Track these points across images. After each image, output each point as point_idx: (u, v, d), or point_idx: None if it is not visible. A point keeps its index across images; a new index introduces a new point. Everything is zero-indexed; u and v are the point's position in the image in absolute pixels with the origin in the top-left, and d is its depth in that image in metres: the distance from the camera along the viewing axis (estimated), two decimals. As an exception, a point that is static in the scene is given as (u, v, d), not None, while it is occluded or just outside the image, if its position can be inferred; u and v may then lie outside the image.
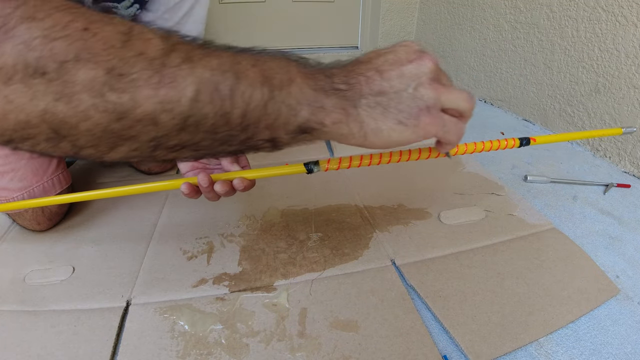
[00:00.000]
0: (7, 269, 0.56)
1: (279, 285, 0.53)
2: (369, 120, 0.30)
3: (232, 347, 0.44)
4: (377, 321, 0.47)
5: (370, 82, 0.30)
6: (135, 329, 0.46)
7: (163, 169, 0.82)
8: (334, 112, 0.29)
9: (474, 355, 0.43)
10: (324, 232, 0.63)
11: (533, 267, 0.55)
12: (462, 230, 0.63)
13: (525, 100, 1.18)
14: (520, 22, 1.16)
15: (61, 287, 0.52)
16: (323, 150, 0.93)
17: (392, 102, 0.30)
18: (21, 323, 0.47)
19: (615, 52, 0.87)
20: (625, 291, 0.53)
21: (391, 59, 0.31)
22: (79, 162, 0.90)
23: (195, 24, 0.66)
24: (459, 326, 0.46)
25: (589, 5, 0.93)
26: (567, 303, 0.50)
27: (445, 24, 1.53)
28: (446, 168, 0.83)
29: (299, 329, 0.46)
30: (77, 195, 0.49)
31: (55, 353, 0.43)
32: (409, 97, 0.30)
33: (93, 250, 0.60)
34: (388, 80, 0.30)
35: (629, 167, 0.86)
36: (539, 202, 0.74)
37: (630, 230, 0.66)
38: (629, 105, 0.85)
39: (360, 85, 0.30)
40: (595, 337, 0.46)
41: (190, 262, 0.57)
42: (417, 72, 0.31)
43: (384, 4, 1.67)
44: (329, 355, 0.43)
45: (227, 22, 1.69)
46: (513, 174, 0.84)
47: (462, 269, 0.55)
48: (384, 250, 0.59)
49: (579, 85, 0.98)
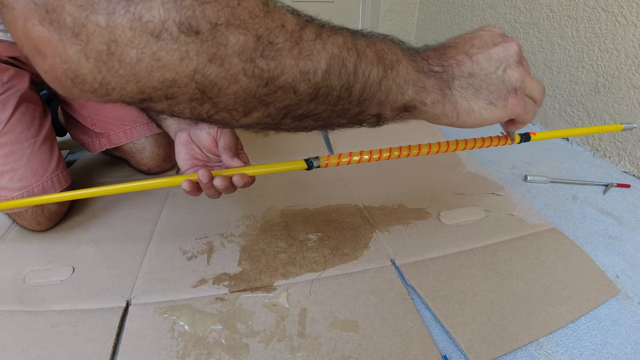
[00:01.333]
0: (7, 269, 0.56)
1: (279, 285, 0.53)
2: (462, 101, 0.33)
3: (232, 347, 0.44)
4: (377, 321, 0.47)
5: (461, 65, 0.33)
6: (135, 329, 0.46)
7: (162, 169, 0.82)
8: (433, 92, 0.32)
9: (474, 355, 0.43)
10: (323, 232, 0.63)
11: (533, 267, 0.55)
12: (462, 230, 0.63)
13: (525, 100, 1.18)
14: (520, 22, 1.16)
15: (61, 287, 0.52)
16: (323, 150, 0.93)
17: (483, 84, 0.33)
18: (21, 323, 0.47)
19: (615, 52, 0.87)
20: (625, 291, 0.53)
21: (477, 43, 0.33)
22: (79, 161, 0.90)
23: None
24: (459, 326, 0.46)
25: (588, 5, 0.93)
26: (567, 303, 0.50)
27: (445, 24, 1.53)
28: (446, 168, 0.83)
29: (299, 329, 0.46)
30: (76, 192, 0.49)
31: (55, 353, 0.43)
32: (498, 79, 0.33)
33: (93, 250, 0.60)
34: (478, 62, 0.33)
35: (629, 167, 0.86)
36: (539, 202, 0.74)
37: (630, 230, 0.66)
38: (629, 105, 0.85)
39: (452, 68, 0.33)
40: (595, 337, 0.46)
41: (190, 262, 0.57)
42: (505, 55, 0.33)
43: (384, 4, 1.68)
44: (329, 355, 0.43)
45: (227, 22, 1.68)
46: (513, 174, 0.84)
47: (462, 269, 0.55)
48: (384, 250, 0.59)
49: (578, 85, 0.98)
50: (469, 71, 0.33)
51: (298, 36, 0.26)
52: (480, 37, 0.34)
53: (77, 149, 0.98)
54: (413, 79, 0.32)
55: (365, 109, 0.31)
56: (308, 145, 0.94)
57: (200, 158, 0.51)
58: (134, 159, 0.79)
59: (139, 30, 0.22)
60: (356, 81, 0.29)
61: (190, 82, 0.24)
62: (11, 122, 0.61)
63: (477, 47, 0.33)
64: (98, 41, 0.22)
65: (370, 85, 0.30)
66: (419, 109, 0.33)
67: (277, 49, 0.25)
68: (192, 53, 0.23)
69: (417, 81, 0.32)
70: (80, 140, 0.81)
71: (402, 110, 0.33)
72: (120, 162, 0.86)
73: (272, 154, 0.91)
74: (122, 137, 0.77)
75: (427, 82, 0.32)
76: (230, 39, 0.23)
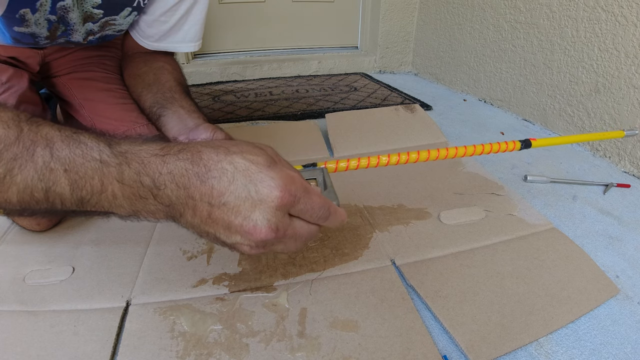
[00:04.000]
0: (7, 269, 0.56)
1: (279, 285, 0.53)
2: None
3: (232, 347, 0.44)
4: (377, 321, 0.47)
5: (196, 215, 0.30)
6: (135, 329, 0.46)
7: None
8: (157, 214, 0.31)
9: (474, 355, 0.43)
10: (324, 232, 0.63)
11: (533, 267, 0.55)
12: (462, 230, 0.63)
13: (525, 100, 1.18)
14: (520, 22, 1.16)
15: (61, 287, 0.52)
16: (323, 150, 0.93)
17: (209, 238, 0.32)
18: (21, 323, 0.47)
19: (615, 52, 0.87)
20: (625, 291, 0.53)
21: (231, 201, 0.29)
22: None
23: (193, 25, 0.66)
24: (459, 326, 0.46)
25: (588, 5, 0.93)
26: (567, 303, 0.50)
27: (445, 24, 1.53)
28: (446, 168, 0.83)
29: (299, 329, 0.46)
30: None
31: (55, 353, 0.43)
32: (225, 245, 0.32)
33: (93, 250, 0.60)
34: (213, 225, 0.30)
35: (629, 167, 0.86)
36: (539, 202, 0.74)
37: (630, 230, 0.66)
38: (629, 105, 0.85)
39: (185, 210, 0.30)
40: (595, 337, 0.46)
41: (190, 262, 0.57)
42: (242, 239, 0.30)
43: (384, 4, 1.68)
44: (329, 356, 0.43)
45: (227, 22, 1.69)
46: (513, 174, 0.84)
47: (462, 269, 0.55)
48: (384, 250, 0.59)
49: (578, 85, 0.98)
50: (199, 230, 0.31)
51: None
52: (237, 195, 0.29)
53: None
54: (124, 205, 0.30)
55: (91, 212, 0.31)
56: (309, 145, 0.94)
57: None
58: (133, 159, 0.79)
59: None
60: (53, 204, 0.29)
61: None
62: None
63: (226, 207, 0.29)
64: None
65: (70, 206, 0.29)
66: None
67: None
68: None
69: (130, 208, 0.30)
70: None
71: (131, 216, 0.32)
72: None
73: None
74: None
75: (143, 210, 0.30)
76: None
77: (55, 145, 0.28)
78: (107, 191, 0.29)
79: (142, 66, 0.66)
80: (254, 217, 0.29)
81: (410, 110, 1.08)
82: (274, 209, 0.30)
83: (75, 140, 0.29)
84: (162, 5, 0.62)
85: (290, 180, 0.30)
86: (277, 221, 0.30)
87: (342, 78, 1.67)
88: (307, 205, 0.32)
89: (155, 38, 0.66)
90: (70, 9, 0.56)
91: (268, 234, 0.30)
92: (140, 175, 0.29)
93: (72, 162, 0.28)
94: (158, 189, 0.29)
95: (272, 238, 0.30)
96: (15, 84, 0.63)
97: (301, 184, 0.31)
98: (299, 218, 0.32)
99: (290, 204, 0.30)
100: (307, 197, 0.31)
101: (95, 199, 0.29)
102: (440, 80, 1.61)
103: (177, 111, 0.57)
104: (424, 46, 1.71)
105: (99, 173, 0.29)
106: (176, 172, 0.29)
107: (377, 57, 1.78)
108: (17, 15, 0.53)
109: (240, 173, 0.30)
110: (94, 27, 0.62)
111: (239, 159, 0.30)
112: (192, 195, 0.30)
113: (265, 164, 0.30)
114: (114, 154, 0.29)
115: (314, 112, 1.21)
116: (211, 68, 1.59)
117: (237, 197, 0.29)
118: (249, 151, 0.31)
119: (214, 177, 0.29)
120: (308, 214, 0.32)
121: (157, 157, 0.30)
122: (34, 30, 0.57)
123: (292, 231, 0.32)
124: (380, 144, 0.95)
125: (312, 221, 0.33)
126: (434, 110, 1.28)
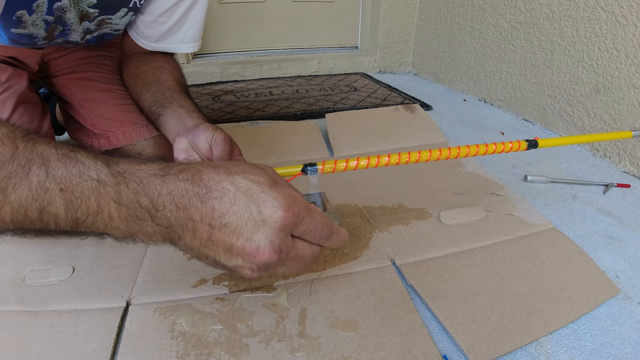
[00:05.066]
0: (7, 269, 0.56)
1: (279, 285, 0.53)
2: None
3: (232, 347, 0.44)
4: (377, 321, 0.47)
5: (195, 239, 0.29)
6: (135, 329, 0.46)
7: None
8: (154, 236, 0.30)
9: (474, 355, 0.43)
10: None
11: (533, 267, 0.55)
12: (462, 230, 0.63)
13: (525, 100, 1.18)
14: (520, 22, 1.16)
15: (61, 287, 0.52)
16: (323, 150, 0.93)
17: (208, 261, 0.31)
18: (21, 323, 0.47)
19: (615, 52, 0.87)
20: (625, 291, 0.53)
21: (233, 222, 0.28)
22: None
23: (192, 26, 0.66)
24: (459, 326, 0.46)
25: (588, 5, 0.93)
26: (567, 303, 0.50)
27: (445, 24, 1.53)
28: (446, 168, 0.83)
29: (299, 329, 0.46)
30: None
31: (55, 353, 0.43)
32: (224, 268, 0.31)
33: (93, 250, 0.60)
34: (214, 248, 0.29)
35: (629, 167, 0.86)
36: (539, 202, 0.74)
37: (630, 230, 0.66)
38: (629, 105, 0.85)
39: (184, 232, 0.29)
40: (595, 337, 0.46)
41: (190, 262, 0.57)
42: (243, 262, 0.29)
43: (384, 4, 1.68)
44: (329, 356, 0.43)
45: (227, 22, 1.69)
46: (513, 174, 0.84)
47: (462, 269, 0.55)
48: (384, 250, 0.59)
49: (579, 85, 0.98)
50: (198, 253, 0.30)
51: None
52: (239, 216, 0.28)
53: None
54: (119, 227, 0.29)
55: (86, 231, 0.30)
56: (309, 144, 0.94)
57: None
58: (133, 160, 0.79)
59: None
60: (47, 223, 0.29)
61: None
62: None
63: (227, 228, 0.28)
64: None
65: (65, 226, 0.29)
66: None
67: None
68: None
69: (126, 230, 0.29)
70: (79, 140, 0.81)
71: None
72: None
73: (272, 154, 0.91)
74: (122, 138, 0.76)
75: (140, 232, 0.29)
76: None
77: (51, 163, 0.28)
78: (104, 212, 0.28)
79: (141, 66, 0.66)
80: (257, 239, 0.28)
81: (410, 110, 1.08)
82: (277, 229, 0.29)
83: (72, 159, 0.28)
84: (160, 6, 0.62)
85: (293, 200, 0.30)
86: (280, 242, 0.29)
87: (342, 78, 1.67)
88: (310, 225, 0.31)
89: (154, 39, 0.66)
90: (68, 9, 0.56)
91: (271, 255, 0.29)
92: (139, 196, 0.28)
93: (69, 181, 0.28)
94: (156, 209, 0.28)
95: (275, 260, 0.29)
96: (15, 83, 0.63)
97: (304, 204, 0.31)
98: (301, 239, 0.32)
99: (294, 225, 0.30)
100: (310, 217, 0.31)
101: (90, 220, 0.28)
102: (440, 80, 1.61)
103: (176, 111, 0.57)
104: (424, 46, 1.71)
105: (96, 193, 0.28)
106: (176, 192, 0.28)
107: (377, 57, 1.78)
108: (14, 17, 0.52)
109: (242, 193, 0.29)
110: (91, 25, 0.62)
111: (240, 179, 0.29)
112: (192, 216, 0.29)
113: (267, 183, 0.30)
114: (112, 173, 0.28)
115: (314, 112, 1.21)
116: (211, 68, 1.59)
117: (239, 218, 0.28)
118: (250, 171, 0.30)
119: (216, 197, 0.29)
120: (311, 235, 0.31)
121: (157, 177, 0.29)
122: (32, 31, 0.57)
123: (294, 253, 0.31)
124: (380, 144, 0.95)
125: (314, 242, 0.32)
126: (434, 110, 1.28)
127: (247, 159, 0.52)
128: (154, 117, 0.59)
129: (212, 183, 0.29)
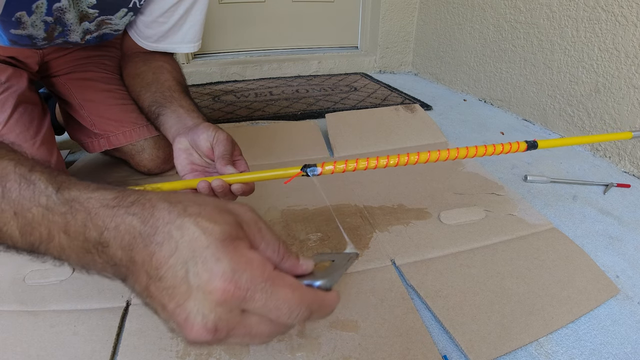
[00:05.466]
0: (7, 269, 0.56)
1: (279, 285, 0.52)
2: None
3: (232, 347, 0.44)
4: (377, 321, 0.47)
5: (136, 283, 0.24)
6: (135, 329, 0.46)
7: (162, 170, 0.82)
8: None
9: (474, 355, 0.43)
10: (323, 232, 0.63)
11: (533, 267, 0.55)
12: (462, 230, 0.63)
13: (525, 100, 1.18)
14: (520, 22, 1.16)
15: (61, 287, 0.52)
16: (323, 150, 0.93)
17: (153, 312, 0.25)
18: (21, 323, 0.47)
19: (615, 52, 0.87)
20: (625, 291, 0.53)
21: (168, 280, 0.23)
22: (79, 162, 0.90)
23: (192, 26, 0.66)
24: (459, 326, 0.46)
25: (588, 5, 0.93)
26: (567, 303, 0.50)
27: (445, 24, 1.53)
28: (446, 168, 0.83)
29: (299, 329, 0.46)
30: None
31: (55, 353, 0.43)
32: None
33: (93, 250, 0.60)
34: (152, 303, 0.24)
35: (629, 167, 0.86)
36: (539, 202, 0.74)
37: (630, 230, 0.66)
38: (629, 105, 0.85)
39: (128, 276, 0.25)
40: (595, 337, 0.46)
41: (190, 262, 0.57)
42: (178, 330, 0.23)
43: (384, 4, 1.68)
44: (329, 355, 0.43)
45: (227, 22, 1.69)
46: (513, 174, 0.84)
47: (462, 269, 0.55)
48: (384, 250, 0.59)
49: (578, 85, 0.98)
50: (141, 297, 0.25)
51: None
52: (173, 272, 0.23)
53: (77, 149, 0.98)
54: (71, 257, 0.26)
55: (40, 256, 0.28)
56: (309, 145, 0.94)
57: (199, 163, 0.51)
58: (133, 160, 0.79)
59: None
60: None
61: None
62: (10, 123, 0.61)
63: (161, 283, 0.23)
64: None
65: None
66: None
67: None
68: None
69: (81, 262, 0.26)
70: (79, 140, 0.81)
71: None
72: (120, 162, 0.86)
73: (272, 154, 0.91)
74: (122, 138, 0.76)
75: (92, 266, 0.26)
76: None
77: (8, 184, 0.26)
78: (54, 241, 0.25)
79: (141, 66, 0.66)
80: (188, 308, 0.22)
81: (410, 110, 1.08)
82: (213, 302, 0.22)
83: (27, 181, 0.26)
84: (160, 6, 0.62)
85: (245, 267, 0.23)
86: (216, 319, 0.22)
87: (342, 78, 1.67)
88: (268, 304, 0.23)
89: (154, 39, 0.66)
90: (67, 9, 0.56)
91: (201, 333, 0.22)
92: (86, 229, 0.25)
93: (20, 206, 0.26)
94: (103, 245, 0.24)
95: (208, 339, 0.22)
96: (15, 83, 0.63)
97: (261, 274, 0.23)
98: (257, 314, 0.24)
99: (238, 299, 0.22)
100: (268, 292, 0.23)
101: (44, 247, 0.26)
102: (440, 80, 1.61)
103: (176, 110, 0.57)
104: (424, 46, 1.71)
105: (46, 221, 0.25)
106: (122, 227, 0.24)
107: (377, 57, 1.78)
108: (14, 18, 0.52)
109: (185, 244, 0.23)
110: (91, 26, 0.62)
111: (190, 224, 0.23)
112: (135, 259, 0.24)
113: (219, 237, 0.23)
114: (60, 201, 0.26)
115: (314, 112, 1.21)
116: (211, 68, 1.59)
117: (173, 275, 0.23)
118: (208, 216, 0.24)
119: (158, 242, 0.23)
120: (273, 314, 0.24)
121: (107, 209, 0.25)
122: (31, 32, 0.57)
123: (243, 330, 0.24)
124: (380, 144, 0.95)
125: (279, 322, 0.24)
126: (434, 110, 1.28)
127: (247, 158, 0.52)
128: (153, 116, 0.59)
129: (160, 223, 0.24)
